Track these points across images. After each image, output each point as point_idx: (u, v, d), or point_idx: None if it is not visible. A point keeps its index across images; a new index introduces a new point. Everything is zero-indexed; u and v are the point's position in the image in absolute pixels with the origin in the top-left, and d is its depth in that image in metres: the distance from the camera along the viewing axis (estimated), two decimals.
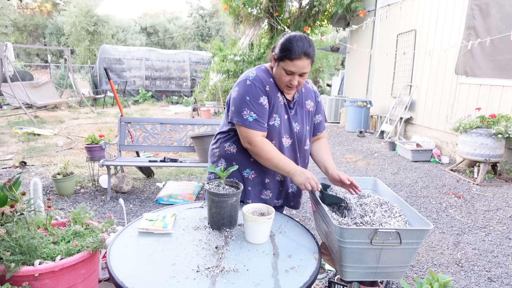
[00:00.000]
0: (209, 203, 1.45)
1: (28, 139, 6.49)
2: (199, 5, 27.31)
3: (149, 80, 14.55)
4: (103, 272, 2.17)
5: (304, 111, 1.74)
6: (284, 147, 1.69)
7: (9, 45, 8.87)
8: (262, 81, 1.62)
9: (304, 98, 1.75)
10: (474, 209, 3.66)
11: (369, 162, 5.52)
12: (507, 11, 4.67)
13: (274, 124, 1.64)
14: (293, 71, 1.54)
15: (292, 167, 1.58)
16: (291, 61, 1.51)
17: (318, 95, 1.83)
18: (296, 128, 1.70)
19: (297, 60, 1.51)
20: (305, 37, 1.55)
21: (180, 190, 3.88)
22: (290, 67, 1.53)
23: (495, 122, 4.36)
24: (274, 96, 1.64)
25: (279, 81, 1.61)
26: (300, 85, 1.60)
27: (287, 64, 1.53)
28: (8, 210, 1.63)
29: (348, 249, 1.25)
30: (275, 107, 1.64)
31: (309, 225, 3.23)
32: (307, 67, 1.54)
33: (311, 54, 1.54)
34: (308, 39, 1.56)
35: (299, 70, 1.53)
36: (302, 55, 1.51)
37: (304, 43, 1.52)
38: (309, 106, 1.76)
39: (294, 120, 1.70)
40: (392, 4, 7.53)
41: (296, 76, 1.56)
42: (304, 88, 1.77)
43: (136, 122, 3.96)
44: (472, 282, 2.39)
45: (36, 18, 25.77)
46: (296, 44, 1.51)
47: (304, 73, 1.55)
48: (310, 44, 1.54)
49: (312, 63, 1.58)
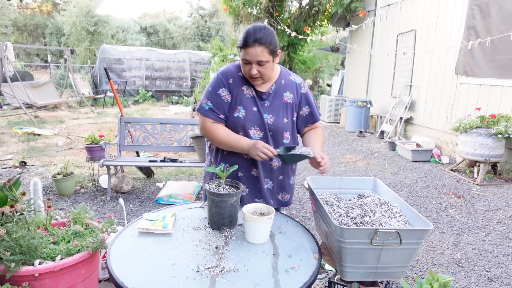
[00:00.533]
0: (209, 203, 1.45)
1: (28, 139, 6.49)
2: (199, 5, 27.31)
3: (149, 80, 14.54)
4: (103, 272, 2.17)
5: (282, 103, 1.72)
6: (253, 139, 1.68)
7: (9, 45, 8.87)
8: (227, 74, 1.70)
9: (282, 89, 1.73)
10: (474, 209, 3.66)
11: (369, 162, 5.52)
12: (507, 11, 4.67)
13: (239, 116, 1.67)
14: (248, 59, 1.55)
15: (245, 143, 1.62)
16: (244, 49, 1.54)
17: (301, 87, 1.78)
18: (270, 119, 1.69)
19: (249, 48, 1.53)
20: (262, 27, 1.55)
21: (180, 190, 3.88)
22: (245, 56, 1.56)
23: (495, 122, 4.36)
24: (237, 89, 1.68)
25: (243, 72, 1.64)
26: (263, 75, 1.60)
27: (242, 53, 1.57)
28: (8, 210, 1.63)
29: (348, 249, 1.25)
30: (238, 99, 1.67)
31: (309, 225, 3.23)
32: (261, 55, 1.53)
33: (263, 41, 1.52)
34: (265, 28, 1.56)
35: (254, 58, 1.54)
36: (253, 43, 1.52)
37: (257, 31, 1.53)
38: (287, 97, 1.73)
39: (267, 111, 1.69)
40: (392, 4, 7.53)
41: (254, 65, 1.56)
42: (285, 80, 1.75)
43: (136, 122, 3.96)
44: (472, 282, 2.39)
45: (36, 18, 25.77)
46: (249, 33, 1.53)
47: (260, 61, 1.54)
48: (265, 33, 1.54)
49: (273, 52, 1.57)
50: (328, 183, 1.77)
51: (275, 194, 1.84)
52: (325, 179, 1.77)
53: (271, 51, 1.56)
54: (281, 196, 1.86)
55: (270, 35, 1.55)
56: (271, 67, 1.62)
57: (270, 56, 1.57)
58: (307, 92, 1.80)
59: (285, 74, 1.78)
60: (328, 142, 7.00)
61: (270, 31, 1.56)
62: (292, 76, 1.79)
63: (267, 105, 1.70)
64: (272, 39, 1.56)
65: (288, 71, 1.82)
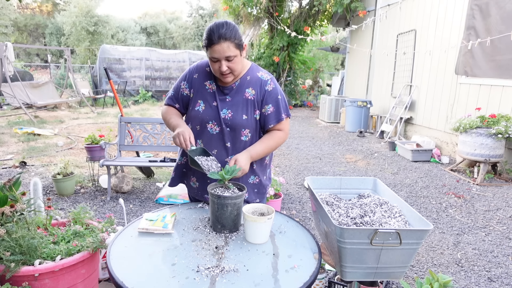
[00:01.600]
0: (211, 205, 1.44)
1: (28, 139, 6.49)
2: (199, 5, 27.32)
3: (149, 80, 14.54)
4: (103, 272, 2.17)
5: (242, 99, 1.67)
6: (210, 134, 1.69)
7: (9, 45, 8.87)
8: (195, 69, 1.76)
9: (245, 85, 1.69)
10: (474, 209, 3.66)
11: (369, 162, 5.52)
12: (507, 11, 4.67)
13: (199, 110, 1.70)
14: (215, 57, 1.54)
15: (178, 123, 1.68)
16: (211, 47, 1.53)
17: (266, 84, 1.69)
18: (228, 115, 1.66)
19: (215, 45, 1.51)
20: (223, 23, 1.54)
21: (180, 190, 3.88)
22: (212, 54, 1.55)
23: (495, 122, 4.36)
24: (199, 83, 1.72)
25: (213, 71, 1.64)
26: (234, 70, 1.59)
27: (209, 52, 1.56)
28: (8, 210, 1.63)
29: (348, 249, 1.25)
30: (199, 93, 1.71)
31: (309, 225, 3.23)
32: (228, 50, 1.52)
33: (227, 36, 1.51)
34: (227, 24, 1.54)
35: (221, 54, 1.53)
36: (218, 39, 1.50)
37: (220, 27, 1.52)
38: (248, 94, 1.67)
39: (226, 107, 1.67)
40: (392, 4, 7.53)
41: (223, 62, 1.55)
42: (251, 76, 1.70)
43: (136, 122, 3.96)
44: (472, 282, 2.39)
45: (36, 18, 25.78)
46: (212, 30, 1.52)
47: (228, 56, 1.53)
48: (228, 27, 1.53)
49: (239, 46, 1.56)
50: (328, 183, 1.77)
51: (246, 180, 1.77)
52: (325, 179, 1.77)
53: (237, 44, 1.55)
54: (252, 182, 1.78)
55: (233, 29, 1.54)
56: (240, 61, 1.60)
57: (237, 50, 1.56)
58: (274, 90, 1.70)
59: (253, 70, 1.73)
60: (328, 142, 7.01)
61: (232, 25, 1.55)
62: (260, 73, 1.73)
63: (228, 100, 1.68)
64: (236, 33, 1.55)
65: (259, 68, 1.76)
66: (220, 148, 1.69)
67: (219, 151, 1.69)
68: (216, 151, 1.69)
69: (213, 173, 1.47)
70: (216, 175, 1.45)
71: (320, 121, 9.74)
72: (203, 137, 1.70)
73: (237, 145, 1.69)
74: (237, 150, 1.68)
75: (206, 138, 1.70)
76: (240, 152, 1.65)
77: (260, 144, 1.69)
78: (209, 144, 1.69)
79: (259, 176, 1.78)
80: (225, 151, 1.69)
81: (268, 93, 1.69)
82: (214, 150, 1.70)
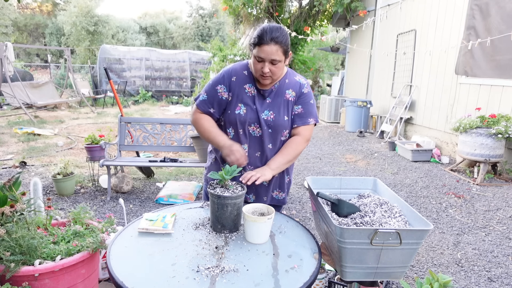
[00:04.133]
0: (211, 205, 1.44)
1: (28, 139, 6.49)
2: (199, 5, 27.31)
3: (149, 80, 14.54)
4: (103, 272, 2.17)
5: (283, 100, 1.71)
6: (252, 136, 1.71)
7: (9, 45, 8.87)
8: (231, 72, 1.73)
9: (285, 87, 1.73)
10: (474, 209, 3.66)
11: (369, 162, 5.52)
12: (507, 11, 4.67)
13: (240, 113, 1.69)
14: (262, 57, 1.56)
15: (222, 139, 1.67)
16: (260, 46, 1.55)
17: (304, 87, 1.76)
18: (270, 116, 1.69)
19: (265, 46, 1.54)
20: (278, 27, 1.57)
21: (180, 190, 3.88)
22: (259, 53, 1.56)
23: (495, 122, 4.36)
24: (239, 87, 1.70)
25: (254, 70, 1.65)
26: (274, 74, 1.62)
27: (257, 51, 1.57)
28: (8, 210, 1.63)
29: (348, 249, 1.25)
30: (239, 97, 1.70)
31: (309, 225, 3.23)
32: (276, 54, 1.55)
33: (279, 40, 1.54)
34: (281, 29, 1.57)
35: (268, 55, 1.55)
36: (269, 41, 1.53)
37: (274, 30, 1.55)
38: (289, 95, 1.72)
39: (268, 108, 1.69)
40: (392, 4, 7.53)
41: (266, 64, 1.57)
42: (289, 80, 1.75)
43: (136, 122, 3.96)
44: (472, 282, 2.39)
45: (36, 18, 25.77)
46: (265, 31, 1.55)
47: (274, 59, 1.56)
48: (282, 32, 1.56)
49: (286, 52, 1.59)
50: (328, 183, 1.77)
51: (270, 191, 1.82)
52: (325, 179, 1.77)
53: (285, 51, 1.58)
54: (275, 193, 1.85)
55: (285, 35, 1.58)
56: (282, 67, 1.64)
57: (283, 56, 1.59)
58: (308, 94, 1.76)
59: (291, 75, 1.78)
60: (328, 142, 7.01)
61: (285, 32, 1.59)
62: (298, 77, 1.79)
63: (269, 101, 1.70)
64: (287, 40, 1.58)
65: (295, 73, 1.82)
66: (262, 150, 1.73)
67: (261, 153, 1.73)
68: (259, 153, 1.73)
69: (214, 173, 1.47)
70: (216, 175, 1.46)
71: (320, 121, 9.74)
72: (246, 140, 1.72)
73: (277, 146, 1.74)
74: (277, 151, 1.73)
75: (249, 141, 1.72)
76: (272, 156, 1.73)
77: (280, 156, 1.70)
78: (252, 146, 1.72)
79: (290, 176, 1.88)
80: (268, 153, 1.73)
81: (303, 95, 1.75)
82: (257, 152, 1.73)
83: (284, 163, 1.69)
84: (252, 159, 1.74)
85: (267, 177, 1.60)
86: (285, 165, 1.70)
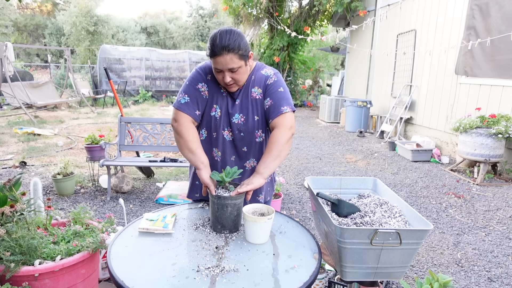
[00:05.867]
0: (211, 205, 1.44)
1: (28, 139, 6.49)
2: (199, 5, 27.33)
3: (149, 80, 14.54)
4: (103, 272, 2.17)
5: (250, 100, 1.61)
6: (226, 141, 1.64)
7: (9, 45, 8.87)
8: (206, 69, 1.64)
9: (251, 85, 1.62)
10: (474, 209, 3.66)
11: (369, 162, 5.52)
12: (507, 11, 4.67)
13: (215, 115, 1.61)
14: (218, 68, 1.48)
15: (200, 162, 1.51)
16: (213, 58, 1.47)
17: (269, 78, 1.62)
18: (241, 119, 1.60)
19: (218, 57, 1.45)
20: (227, 31, 1.45)
21: (180, 190, 3.88)
22: (215, 65, 1.49)
23: (495, 122, 4.36)
24: (215, 85, 1.62)
25: (218, 81, 1.58)
26: (238, 80, 1.53)
27: (213, 62, 1.49)
28: (8, 210, 1.63)
29: (348, 249, 1.25)
30: (215, 97, 1.62)
31: (309, 225, 3.23)
32: (231, 62, 1.45)
33: (231, 47, 1.43)
34: (232, 32, 1.45)
35: (224, 66, 1.46)
36: (222, 51, 1.43)
37: (223, 38, 1.43)
38: (255, 93, 1.61)
39: (237, 111, 1.61)
40: (392, 4, 7.53)
41: (226, 73, 1.49)
42: (255, 75, 1.63)
43: (136, 122, 3.96)
44: (472, 282, 2.39)
45: (36, 18, 25.79)
46: (214, 41, 1.44)
47: (232, 68, 1.47)
48: (232, 37, 1.44)
49: (243, 56, 1.48)
50: (328, 183, 1.77)
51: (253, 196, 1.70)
52: (325, 179, 1.77)
53: (241, 55, 1.47)
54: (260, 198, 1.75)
55: (237, 39, 1.45)
56: (245, 71, 1.54)
57: (241, 61, 1.48)
58: (274, 83, 1.61)
59: (258, 69, 1.66)
60: (328, 142, 7.01)
61: (237, 34, 1.46)
62: (264, 70, 1.66)
63: (238, 103, 1.61)
64: (240, 42, 1.46)
65: (263, 66, 1.69)
66: (237, 154, 1.67)
67: (237, 157, 1.68)
68: (234, 157, 1.67)
69: (215, 173, 1.47)
70: (216, 176, 1.45)
71: (320, 121, 9.75)
72: (219, 144, 1.65)
73: (253, 148, 1.67)
74: (254, 153, 1.67)
75: (222, 145, 1.65)
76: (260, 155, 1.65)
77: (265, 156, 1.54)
78: (225, 151, 1.66)
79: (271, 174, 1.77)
80: (244, 156, 1.67)
81: (268, 86, 1.61)
82: (232, 156, 1.66)
83: (270, 160, 1.51)
84: (228, 163, 1.67)
85: (256, 185, 1.46)
86: (274, 162, 1.53)
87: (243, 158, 1.68)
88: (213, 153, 1.68)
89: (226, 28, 1.49)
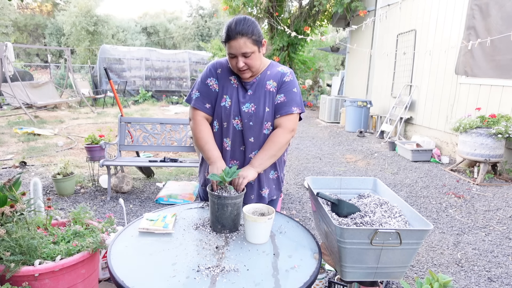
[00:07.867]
0: (211, 205, 1.44)
1: (28, 139, 6.49)
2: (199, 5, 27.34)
3: (149, 80, 14.54)
4: (103, 272, 2.17)
5: (264, 91, 1.67)
6: (236, 130, 1.68)
7: (9, 45, 8.87)
8: (216, 64, 1.72)
9: (266, 78, 1.69)
10: (474, 209, 3.66)
11: (369, 162, 5.52)
12: (507, 11, 4.67)
13: (225, 105, 1.67)
14: (232, 52, 1.55)
15: (213, 154, 1.64)
16: (228, 43, 1.54)
17: (286, 75, 1.70)
18: (251, 108, 1.66)
19: (232, 41, 1.52)
20: (242, 18, 1.54)
21: (180, 190, 3.88)
22: (229, 49, 1.55)
23: (495, 122, 4.36)
24: (225, 78, 1.69)
25: (232, 68, 1.64)
26: (251, 66, 1.59)
27: (227, 48, 1.56)
28: (8, 210, 1.63)
29: (348, 249, 1.25)
30: (225, 88, 1.69)
31: (309, 225, 3.23)
32: (244, 46, 1.52)
33: (245, 32, 1.51)
34: (246, 19, 1.54)
35: (238, 50, 1.53)
36: (235, 35, 1.51)
37: (238, 24, 1.51)
38: (270, 86, 1.68)
39: (249, 101, 1.66)
40: (392, 4, 7.53)
41: (240, 58, 1.55)
42: (271, 71, 1.71)
43: (136, 122, 3.96)
44: (472, 282, 2.39)
45: (36, 18, 25.78)
46: (230, 26, 1.52)
47: (245, 52, 1.54)
48: (246, 23, 1.52)
49: (257, 42, 1.55)
50: (328, 183, 1.77)
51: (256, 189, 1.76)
52: (325, 179, 1.77)
53: (255, 41, 1.55)
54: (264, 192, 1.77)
55: (251, 25, 1.53)
56: (258, 57, 1.60)
57: (255, 46, 1.55)
58: (290, 82, 1.69)
59: (274, 66, 1.74)
60: (328, 142, 7.01)
61: (251, 21, 1.54)
62: (280, 67, 1.74)
63: (250, 94, 1.67)
64: (254, 28, 1.54)
65: (278, 64, 1.77)
66: (245, 144, 1.70)
67: (245, 147, 1.71)
68: (243, 147, 1.71)
69: (213, 175, 1.47)
70: (216, 177, 1.45)
71: (320, 121, 9.75)
72: (229, 134, 1.69)
73: (260, 139, 1.70)
74: (260, 145, 1.69)
75: (233, 134, 1.69)
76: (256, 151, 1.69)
77: (261, 152, 1.65)
78: (235, 140, 1.70)
79: (278, 172, 1.81)
80: (250, 147, 1.70)
81: (285, 83, 1.69)
82: (241, 146, 1.71)
83: (266, 158, 1.63)
84: (237, 153, 1.72)
85: (250, 177, 1.56)
86: (269, 160, 1.64)
87: (249, 149, 1.70)
88: (224, 143, 1.72)
89: (241, 15, 1.57)
